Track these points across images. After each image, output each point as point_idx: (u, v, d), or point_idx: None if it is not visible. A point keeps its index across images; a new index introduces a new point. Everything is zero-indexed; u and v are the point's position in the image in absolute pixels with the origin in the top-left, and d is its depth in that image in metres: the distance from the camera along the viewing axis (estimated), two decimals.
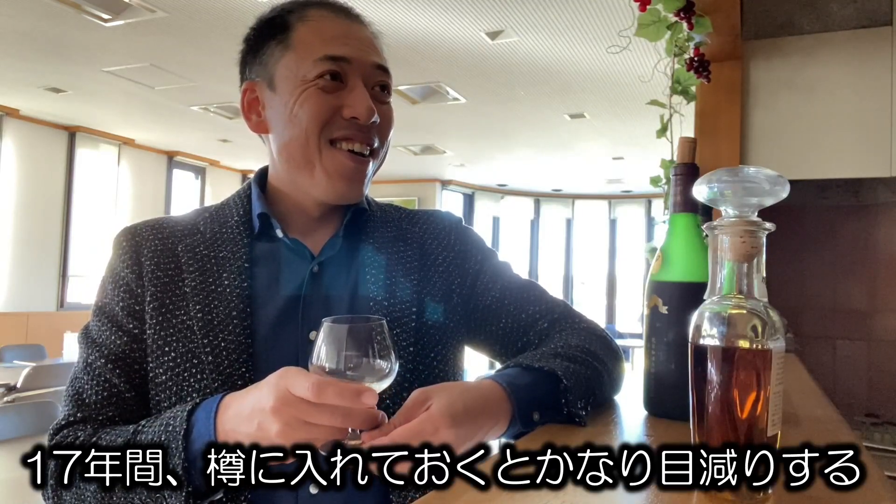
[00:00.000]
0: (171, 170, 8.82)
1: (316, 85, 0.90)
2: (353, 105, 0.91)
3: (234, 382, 0.85)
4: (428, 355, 0.94)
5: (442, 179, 10.13)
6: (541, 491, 0.53)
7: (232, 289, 0.90)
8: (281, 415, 0.65)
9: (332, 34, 0.93)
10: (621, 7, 3.91)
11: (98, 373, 0.88)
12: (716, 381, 0.50)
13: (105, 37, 4.73)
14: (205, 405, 0.75)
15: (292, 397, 0.65)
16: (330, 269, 0.96)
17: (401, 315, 0.93)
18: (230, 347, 0.86)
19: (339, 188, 0.93)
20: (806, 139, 2.18)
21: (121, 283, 0.92)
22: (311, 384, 0.64)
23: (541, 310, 1.00)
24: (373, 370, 0.67)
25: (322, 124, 0.91)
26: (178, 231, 0.96)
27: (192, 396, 0.84)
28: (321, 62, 0.90)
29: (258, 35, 0.97)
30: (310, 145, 0.91)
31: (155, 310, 0.89)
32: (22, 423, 2.76)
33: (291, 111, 0.91)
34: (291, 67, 0.92)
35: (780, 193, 0.50)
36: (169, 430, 0.74)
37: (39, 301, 7.24)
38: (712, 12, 1.75)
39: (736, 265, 0.51)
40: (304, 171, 0.93)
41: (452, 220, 1.08)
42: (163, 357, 0.87)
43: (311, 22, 0.93)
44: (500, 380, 0.76)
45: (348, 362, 0.67)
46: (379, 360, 0.68)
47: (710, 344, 0.51)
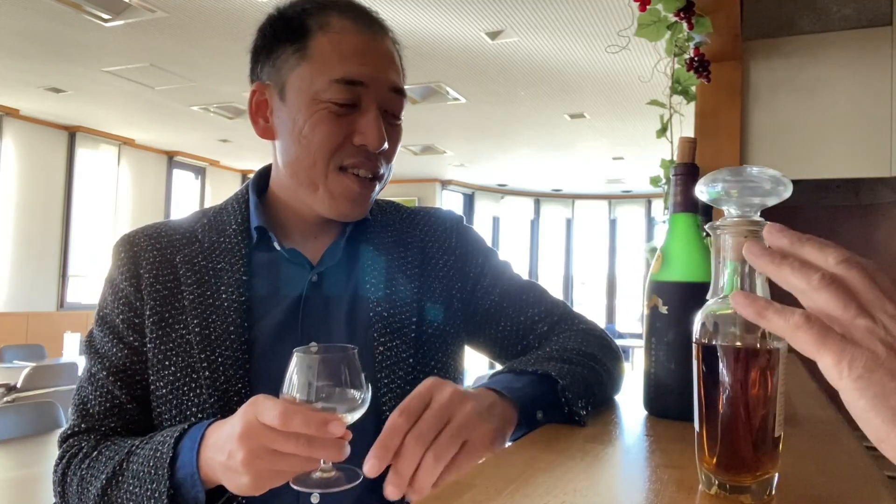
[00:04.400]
0: (171, 170, 8.82)
1: (328, 108, 0.88)
2: (364, 133, 0.89)
3: (230, 399, 0.85)
4: (428, 363, 0.94)
5: (442, 179, 10.13)
6: (541, 491, 0.53)
7: (230, 302, 0.89)
8: (247, 442, 0.65)
9: (351, 50, 0.89)
10: (621, 7, 3.91)
11: (101, 384, 0.89)
12: (725, 381, 0.50)
13: (105, 37, 4.73)
14: (192, 432, 0.76)
15: (259, 425, 0.65)
16: (329, 279, 0.95)
17: (401, 325, 0.93)
18: (227, 363, 0.86)
19: (342, 209, 0.93)
20: (806, 139, 2.18)
21: (120, 295, 0.92)
22: (278, 412, 0.63)
23: (540, 312, 1.00)
24: (344, 400, 0.66)
25: (332, 151, 0.89)
26: (176, 240, 0.95)
27: (192, 411, 0.86)
28: (337, 85, 0.87)
29: (274, 33, 0.93)
30: (317, 169, 0.90)
31: (155, 324, 0.89)
32: (22, 423, 2.76)
33: (301, 130, 0.89)
34: (305, 80, 0.89)
35: (783, 193, 0.50)
36: (157, 457, 0.76)
37: (39, 301, 7.24)
38: (712, 12, 1.76)
39: (739, 265, 0.51)
40: (308, 190, 0.92)
41: (453, 219, 1.07)
42: (163, 371, 0.88)
43: (331, 34, 0.89)
44: (495, 386, 0.76)
45: (319, 392, 0.66)
46: (351, 389, 0.67)
47: (719, 344, 0.51)
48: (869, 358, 0.39)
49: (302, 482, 0.67)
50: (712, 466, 0.52)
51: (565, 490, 0.53)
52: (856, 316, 0.41)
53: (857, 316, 0.41)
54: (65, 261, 7.48)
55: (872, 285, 0.41)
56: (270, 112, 0.94)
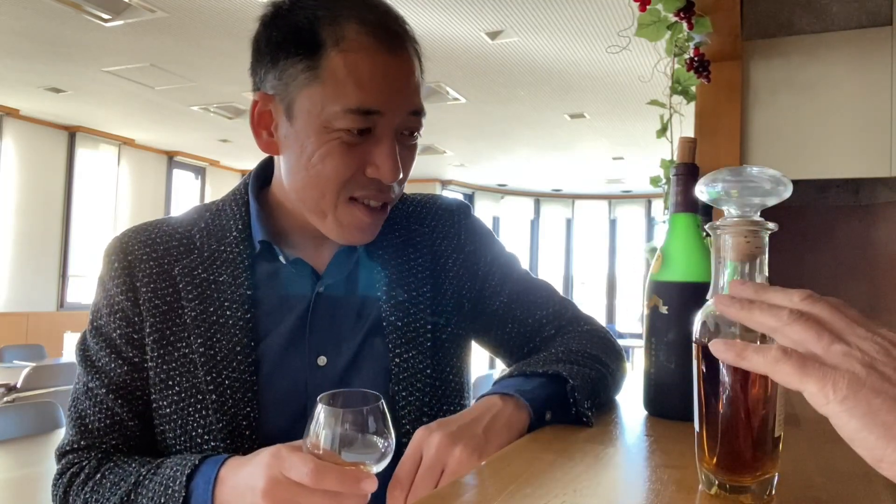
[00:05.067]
0: (171, 170, 8.82)
1: (340, 138, 0.80)
2: (378, 165, 0.81)
3: (239, 423, 0.83)
4: (444, 371, 0.91)
5: (442, 179, 10.13)
6: (541, 491, 0.53)
7: (234, 320, 0.85)
8: (271, 498, 0.65)
9: (369, 76, 0.79)
10: (621, 7, 3.91)
11: (100, 400, 0.86)
12: (725, 381, 0.50)
13: (105, 37, 4.73)
14: (204, 470, 0.75)
15: (285, 480, 0.64)
16: (337, 288, 0.90)
17: (416, 334, 0.90)
18: (234, 385, 0.83)
19: (350, 237, 0.87)
20: (806, 139, 2.18)
21: (116, 308, 0.87)
22: (309, 469, 0.62)
23: (548, 315, 0.98)
24: (370, 449, 0.65)
25: (342, 184, 0.82)
26: (173, 248, 0.90)
27: (198, 433, 0.83)
28: (351, 115, 0.78)
29: (281, 39, 0.82)
30: (326, 200, 0.83)
31: (156, 342, 0.86)
32: (22, 423, 2.75)
33: (310, 158, 0.81)
34: (316, 104, 0.80)
35: (783, 193, 0.50)
36: (168, 494, 0.74)
37: (39, 301, 7.24)
38: (712, 12, 1.75)
39: (739, 265, 0.51)
40: (316, 216, 0.87)
41: (460, 211, 1.03)
42: (166, 391, 0.85)
43: (347, 53, 0.79)
44: (507, 390, 0.76)
45: (344, 442, 0.64)
46: (376, 437, 0.65)
47: None
48: (851, 378, 0.40)
49: None
50: (712, 466, 0.52)
51: (565, 490, 0.53)
52: (830, 343, 0.42)
53: (832, 342, 0.42)
54: (65, 261, 7.48)
55: (840, 315, 0.43)
56: (275, 127, 0.86)
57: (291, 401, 0.85)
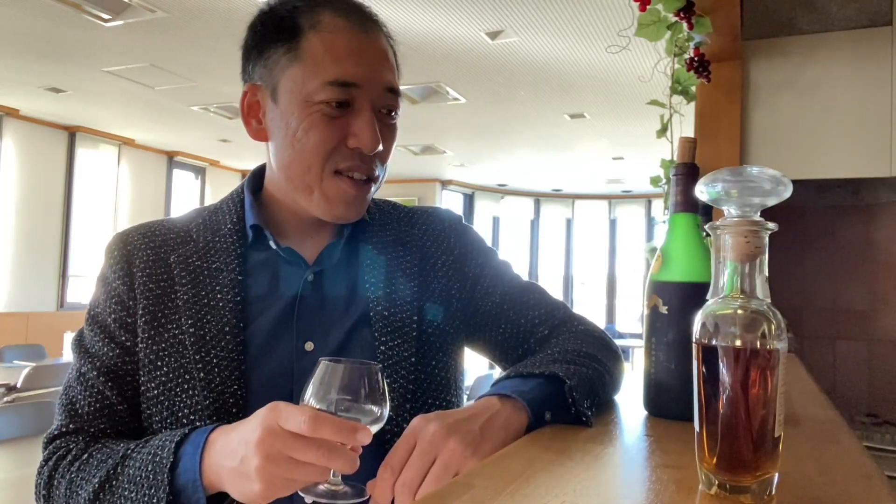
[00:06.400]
0: (171, 170, 8.82)
1: (321, 111, 0.86)
2: (358, 135, 0.87)
3: (225, 400, 0.84)
4: (429, 363, 0.93)
5: (442, 179, 10.13)
6: (541, 490, 0.53)
7: (224, 302, 0.88)
8: (265, 448, 0.65)
9: (345, 51, 0.87)
10: (621, 7, 3.91)
11: (91, 384, 0.88)
12: (725, 381, 0.50)
13: (105, 37, 4.73)
14: (194, 438, 0.75)
15: (281, 430, 0.65)
16: (326, 278, 0.94)
17: (402, 324, 0.92)
18: (222, 364, 0.85)
19: (338, 212, 0.91)
20: (806, 139, 2.18)
21: (112, 294, 0.90)
22: (306, 417, 0.63)
23: (540, 315, 0.99)
24: (364, 413, 0.67)
25: (326, 155, 0.88)
26: (170, 240, 0.94)
27: (184, 413, 0.84)
28: (330, 87, 0.86)
29: (265, 32, 0.92)
30: (311, 173, 0.89)
31: (147, 323, 0.88)
32: (22, 423, 2.76)
33: (294, 133, 0.88)
34: (297, 82, 0.87)
35: (783, 193, 0.50)
36: (156, 461, 0.75)
37: (39, 301, 7.24)
38: (712, 12, 1.76)
39: (739, 265, 0.51)
40: (303, 193, 0.91)
41: (452, 219, 1.07)
42: (155, 371, 0.86)
43: (323, 33, 0.87)
44: (505, 391, 0.75)
45: (340, 404, 0.66)
46: (371, 405, 0.67)
47: (719, 344, 0.50)
48: None
49: (310, 492, 0.67)
50: (712, 466, 0.52)
51: (565, 490, 0.53)
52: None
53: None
54: (65, 261, 7.49)
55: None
56: (263, 114, 0.93)
57: (279, 384, 0.86)
